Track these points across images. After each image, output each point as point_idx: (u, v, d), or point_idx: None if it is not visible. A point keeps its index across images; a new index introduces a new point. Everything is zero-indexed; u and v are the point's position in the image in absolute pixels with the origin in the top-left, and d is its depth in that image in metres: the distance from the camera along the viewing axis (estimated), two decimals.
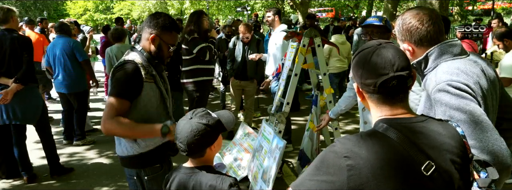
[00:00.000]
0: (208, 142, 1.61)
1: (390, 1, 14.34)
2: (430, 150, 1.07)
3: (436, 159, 1.06)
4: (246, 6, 14.63)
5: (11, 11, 3.83)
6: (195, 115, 1.63)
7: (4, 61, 3.78)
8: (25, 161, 4.04)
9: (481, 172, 1.13)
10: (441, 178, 1.05)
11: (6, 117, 3.82)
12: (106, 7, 40.99)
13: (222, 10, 24.15)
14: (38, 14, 28.36)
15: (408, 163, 1.04)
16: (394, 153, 1.04)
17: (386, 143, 1.05)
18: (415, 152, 1.04)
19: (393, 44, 1.17)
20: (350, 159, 1.03)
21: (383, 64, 1.09)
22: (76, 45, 4.97)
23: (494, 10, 19.14)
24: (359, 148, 1.05)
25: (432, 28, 1.59)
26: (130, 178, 2.17)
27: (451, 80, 1.47)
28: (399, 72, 1.09)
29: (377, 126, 1.13)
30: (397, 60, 1.10)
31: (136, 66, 1.99)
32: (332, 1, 27.66)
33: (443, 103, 1.47)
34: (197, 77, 4.66)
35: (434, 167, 1.04)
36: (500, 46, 4.21)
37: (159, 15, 2.10)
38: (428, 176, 1.03)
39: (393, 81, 1.09)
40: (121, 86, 1.96)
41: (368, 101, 1.19)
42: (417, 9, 1.64)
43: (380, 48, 1.13)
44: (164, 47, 2.11)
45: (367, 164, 1.02)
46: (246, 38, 5.20)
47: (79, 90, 5.06)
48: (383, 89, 1.11)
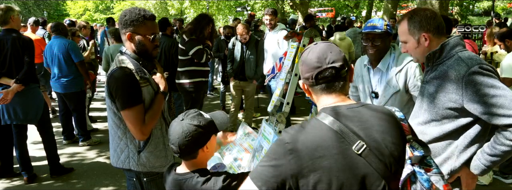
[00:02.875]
0: (199, 144, 1.59)
1: (390, 1, 14.33)
2: (361, 131, 1.20)
3: (367, 139, 1.18)
4: (246, 6, 14.64)
5: (10, 11, 3.80)
6: (187, 116, 1.62)
7: (5, 61, 3.78)
8: (25, 161, 4.04)
9: (417, 151, 1.23)
10: (373, 156, 1.17)
11: (8, 117, 3.82)
12: (106, 7, 40.98)
13: (222, 10, 24.13)
14: (40, 14, 28.37)
15: (340, 144, 1.17)
16: (327, 136, 1.18)
17: (321, 128, 1.20)
18: (347, 134, 1.18)
19: (328, 42, 1.34)
20: (290, 144, 1.18)
21: (317, 59, 1.26)
22: (71, 46, 4.93)
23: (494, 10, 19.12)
24: (298, 134, 1.20)
25: (441, 20, 1.87)
26: (130, 179, 2.18)
27: (481, 64, 1.72)
28: (331, 64, 1.25)
29: (318, 114, 1.27)
30: (329, 55, 1.26)
31: (130, 73, 1.97)
32: (332, 1, 27.66)
33: (477, 83, 1.68)
34: (192, 78, 4.66)
35: (365, 146, 1.17)
36: (501, 47, 4.21)
37: (125, 13, 2.03)
38: (360, 154, 1.16)
39: (327, 72, 1.25)
40: (127, 96, 1.96)
41: (312, 94, 1.34)
42: (423, 7, 1.95)
43: (315, 46, 1.31)
44: (145, 41, 2.04)
45: (303, 147, 1.16)
46: (244, 39, 5.20)
47: (75, 90, 5.04)
48: (320, 80, 1.27)
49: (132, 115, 1.96)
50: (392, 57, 2.48)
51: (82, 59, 5.07)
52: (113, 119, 2.08)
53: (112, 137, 2.13)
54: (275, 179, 1.17)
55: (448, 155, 1.85)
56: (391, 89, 2.44)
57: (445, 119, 1.83)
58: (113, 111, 2.05)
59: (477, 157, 1.78)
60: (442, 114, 1.82)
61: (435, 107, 1.84)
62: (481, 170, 1.78)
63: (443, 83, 1.79)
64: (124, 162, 2.10)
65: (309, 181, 1.15)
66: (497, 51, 5.05)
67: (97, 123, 6.37)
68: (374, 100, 2.56)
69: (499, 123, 1.66)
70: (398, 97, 2.44)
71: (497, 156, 1.71)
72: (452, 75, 1.74)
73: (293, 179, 1.16)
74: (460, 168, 1.85)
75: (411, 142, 1.24)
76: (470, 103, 1.71)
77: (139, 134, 1.99)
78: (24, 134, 4.06)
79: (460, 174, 1.89)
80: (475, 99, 1.68)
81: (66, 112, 5.21)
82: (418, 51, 1.91)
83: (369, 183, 1.16)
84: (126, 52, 2.07)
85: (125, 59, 2.04)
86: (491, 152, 1.72)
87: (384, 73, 2.49)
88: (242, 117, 5.93)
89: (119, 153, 2.10)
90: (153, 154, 2.10)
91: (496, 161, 1.73)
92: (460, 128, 1.81)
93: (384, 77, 2.49)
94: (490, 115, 1.67)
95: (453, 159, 1.84)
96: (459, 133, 1.83)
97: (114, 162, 2.16)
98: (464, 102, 1.73)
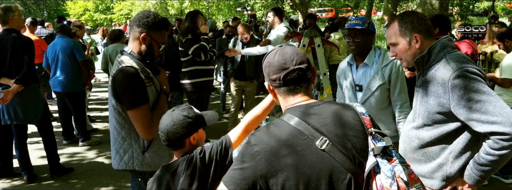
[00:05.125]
0: (186, 133, 1.64)
1: (390, 1, 14.34)
2: (323, 127, 1.24)
3: (329, 134, 1.22)
4: (246, 6, 14.64)
5: (10, 12, 3.80)
6: (178, 108, 1.71)
7: (5, 61, 3.78)
8: (25, 161, 4.04)
9: (379, 142, 1.24)
10: (336, 150, 1.21)
11: (8, 117, 3.83)
12: (106, 7, 40.99)
13: (222, 10, 24.13)
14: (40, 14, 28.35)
15: (304, 141, 1.21)
16: (291, 135, 1.22)
17: (284, 128, 1.24)
18: (310, 131, 1.22)
19: (292, 45, 1.39)
20: (257, 145, 1.22)
21: (284, 61, 1.29)
22: (76, 46, 4.99)
23: (493, 10, 19.15)
24: (263, 136, 1.24)
25: (430, 24, 1.85)
26: (134, 180, 2.18)
27: (467, 67, 1.66)
28: (298, 65, 1.29)
29: (283, 115, 1.31)
30: (295, 56, 1.30)
31: (136, 72, 1.98)
32: (332, 1, 27.66)
33: (462, 87, 1.63)
34: (195, 79, 4.65)
35: (327, 141, 1.21)
36: (501, 47, 4.21)
37: (148, 14, 2.06)
38: (323, 149, 1.20)
39: (294, 73, 1.29)
40: (134, 96, 1.96)
41: (278, 95, 1.37)
42: (414, 10, 1.85)
43: (281, 49, 1.34)
44: (155, 46, 2.09)
45: (268, 148, 1.20)
46: (245, 39, 5.20)
47: (75, 90, 5.05)
48: (287, 81, 1.30)
49: (140, 115, 1.96)
50: (378, 53, 2.62)
51: (85, 58, 5.10)
52: (117, 119, 2.07)
53: (115, 138, 2.12)
54: (245, 181, 1.20)
55: (442, 160, 1.82)
56: (377, 82, 2.56)
57: (436, 124, 1.80)
58: (118, 110, 2.04)
59: (469, 166, 1.74)
60: (433, 118, 1.79)
61: (426, 111, 1.81)
62: (475, 180, 1.73)
63: (432, 87, 1.75)
64: (128, 163, 2.09)
65: (278, 180, 1.18)
66: (497, 51, 5.05)
67: (97, 123, 6.37)
68: (359, 93, 2.67)
69: (483, 130, 1.62)
70: (383, 89, 2.57)
71: (486, 166, 1.66)
72: (439, 79, 1.71)
73: (263, 180, 1.19)
74: (455, 175, 1.82)
75: (373, 134, 1.26)
76: (456, 108, 1.67)
77: (147, 133, 2.00)
78: (24, 134, 4.06)
79: (456, 184, 1.84)
80: (461, 103, 1.64)
81: (66, 112, 5.21)
82: (409, 54, 1.86)
83: (335, 177, 1.20)
84: (131, 53, 2.07)
85: (128, 59, 2.04)
86: (479, 161, 1.67)
87: (369, 67, 2.62)
88: (242, 117, 5.93)
89: (122, 154, 2.09)
90: (158, 154, 2.10)
91: (487, 170, 1.68)
92: (452, 133, 1.77)
93: (369, 71, 2.62)
94: (474, 121, 1.63)
95: (448, 165, 1.81)
96: (452, 138, 1.78)
97: (115, 164, 2.14)
98: (451, 107, 1.69)
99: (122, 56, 2.07)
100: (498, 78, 3.72)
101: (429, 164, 1.86)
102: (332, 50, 6.57)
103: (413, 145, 1.92)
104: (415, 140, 1.90)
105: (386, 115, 2.66)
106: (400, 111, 2.61)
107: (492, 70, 5.00)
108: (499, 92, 3.69)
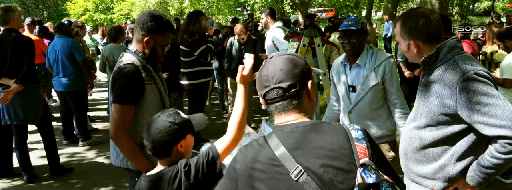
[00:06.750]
0: (173, 140, 1.57)
1: (390, 1, 14.33)
2: (303, 155, 1.12)
3: (307, 164, 1.11)
4: (246, 6, 14.65)
5: (10, 12, 3.80)
6: (163, 113, 1.62)
7: (6, 61, 3.78)
8: (25, 161, 4.04)
9: (370, 177, 1.07)
10: (312, 182, 1.09)
11: (8, 117, 3.83)
12: (106, 7, 40.95)
13: (222, 10, 24.12)
14: (39, 14, 28.36)
15: (277, 169, 1.12)
16: (266, 159, 1.14)
17: (263, 150, 1.16)
18: (286, 158, 1.12)
19: (288, 55, 1.25)
20: (238, 163, 1.20)
21: (266, 77, 1.20)
22: (74, 45, 4.98)
23: (494, 10, 19.14)
24: (246, 154, 1.19)
25: (439, 26, 1.79)
26: (131, 179, 2.18)
27: (476, 70, 1.65)
28: (278, 84, 1.18)
29: (269, 133, 1.22)
30: (277, 73, 1.18)
31: (136, 69, 1.97)
32: (332, 1, 27.64)
33: (471, 90, 1.61)
34: (197, 80, 4.65)
35: (303, 172, 1.10)
36: (501, 47, 4.20)
37: (152, 18, 2.02)
38: (297, 180, 1.10)
39: (274, 92, 1.19)
40: (124, 92, 1.95)
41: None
42: (421, 9, 1.82)
43: (270, 61, 1.23)
44: (159, 49, 2.08)
45: (246, 168, 1.17)
46: (242, 40, 5.19)
47: (77, 89, 5.06)
48: (267, 100, 1.22)
49: (119, 112, 1.94)
50: (370, 53, 2.63)
51: (85, 58, 5.10)
52: None
53: None
54: None
55: (444, 162, 1.81)
56: (370, 82, 2.57)
57: (440, 125, 1.78)
58: None
59: (472, 168, 1.74)
60: (437, 119, 1.78)
61: (430, 112, 1.80)
62: (477, 182, 1.73)
63: (438, 88, 1.73)
64: (123, 161, 2.10)
65: None
66: (497, 51, 5.04)
67: (97, 123, 6.37)
68: (352, 94, 2.68)
69: (490, 134, 1.61)
70: (377, 90, 2.58)
71: (491, 169, 1.65)
72: (447, 81, 1.69)
73: None
74: (457, 177, 1.81)
75: (366, 166, 1.09)
76: (463, 110, 1.65)
77: (114, 132, 1.96)
78: (24, 134, 4.06)
79: (457, 185, 1.84)
80: (468, 106, 1.63)
81: (67, 112, 5.22)
82: (409, 55, 1.91)
83: None
84: (135, 52, 2.06)
85: (131, 56, 2.05)
86: (483, 164, 1.67)
87: (362, 67, 2.62)
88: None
89: (119, 151, 2.10)
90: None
91: (491, 173, 1.67)
92: (456, 134, 1.76)
93: (362, 72, 2.62)
94: (482, 124, 1.62)
95: (450, 166, 1.81)
96: (455, 140, 1.78)
97: (113, 160, 2.16)
98: (458, 109, 1.67)
99: (125, 54, 2.08)
100: (498, 79, 3.71)
101: (431, 164, 1.85)
102: (332, 50, 6.58)
103: (415, 145, 1.91)
104: (416, 140, 1.89)
105: (380, 115, 2.68)
106: (400, 110, 2.62)
107: (492, 70, 4.98)
108: (500, 93, 3.68)
